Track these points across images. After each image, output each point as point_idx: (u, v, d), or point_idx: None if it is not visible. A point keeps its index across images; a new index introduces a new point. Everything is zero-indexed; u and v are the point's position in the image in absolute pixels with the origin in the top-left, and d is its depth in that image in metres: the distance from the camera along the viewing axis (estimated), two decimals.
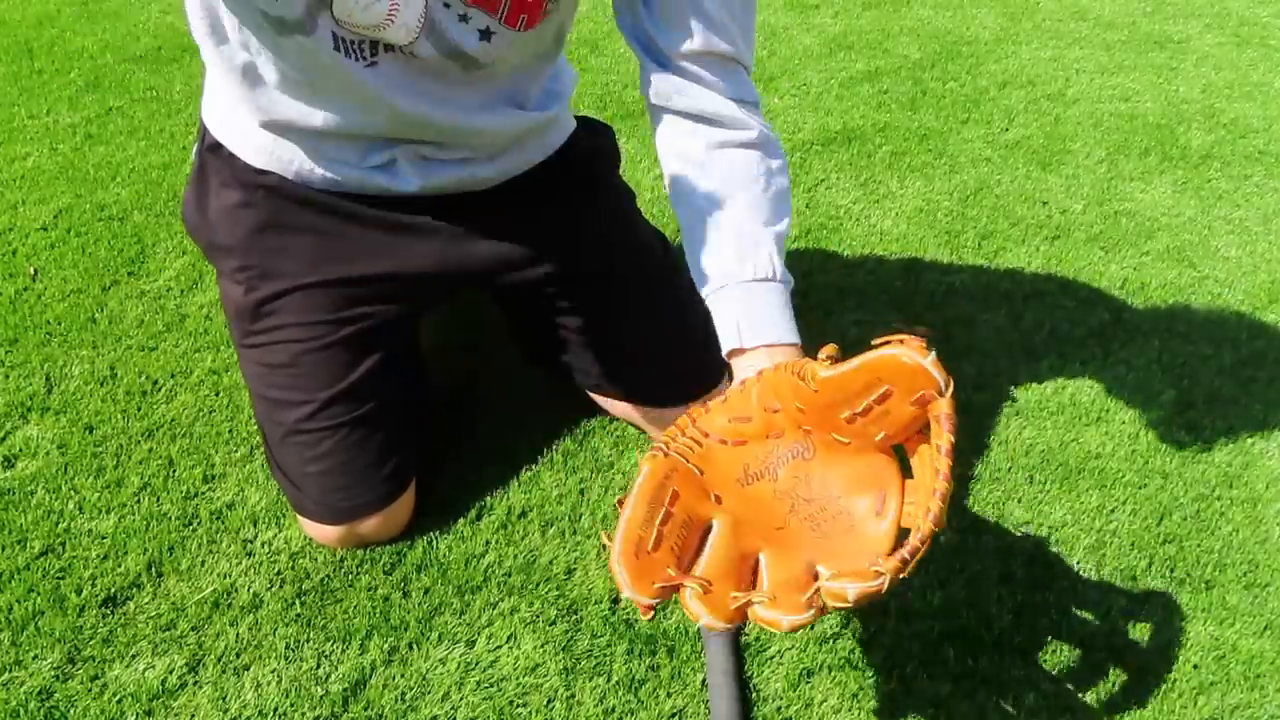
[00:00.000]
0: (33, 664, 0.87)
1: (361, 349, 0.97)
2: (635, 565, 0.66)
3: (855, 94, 1.99)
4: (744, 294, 0.83)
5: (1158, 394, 1.22)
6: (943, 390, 0.68)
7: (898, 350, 0.68)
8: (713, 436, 0.77)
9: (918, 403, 0.70)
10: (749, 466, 0.76)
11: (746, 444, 0.77)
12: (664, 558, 0.68)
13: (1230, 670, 0.90)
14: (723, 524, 0.72)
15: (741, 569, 0.70)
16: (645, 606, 0.65)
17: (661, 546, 0.68)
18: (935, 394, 0.69)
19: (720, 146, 0.87)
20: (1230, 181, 1.70)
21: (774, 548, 0.72)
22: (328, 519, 0.96)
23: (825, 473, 0.75)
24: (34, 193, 1.57)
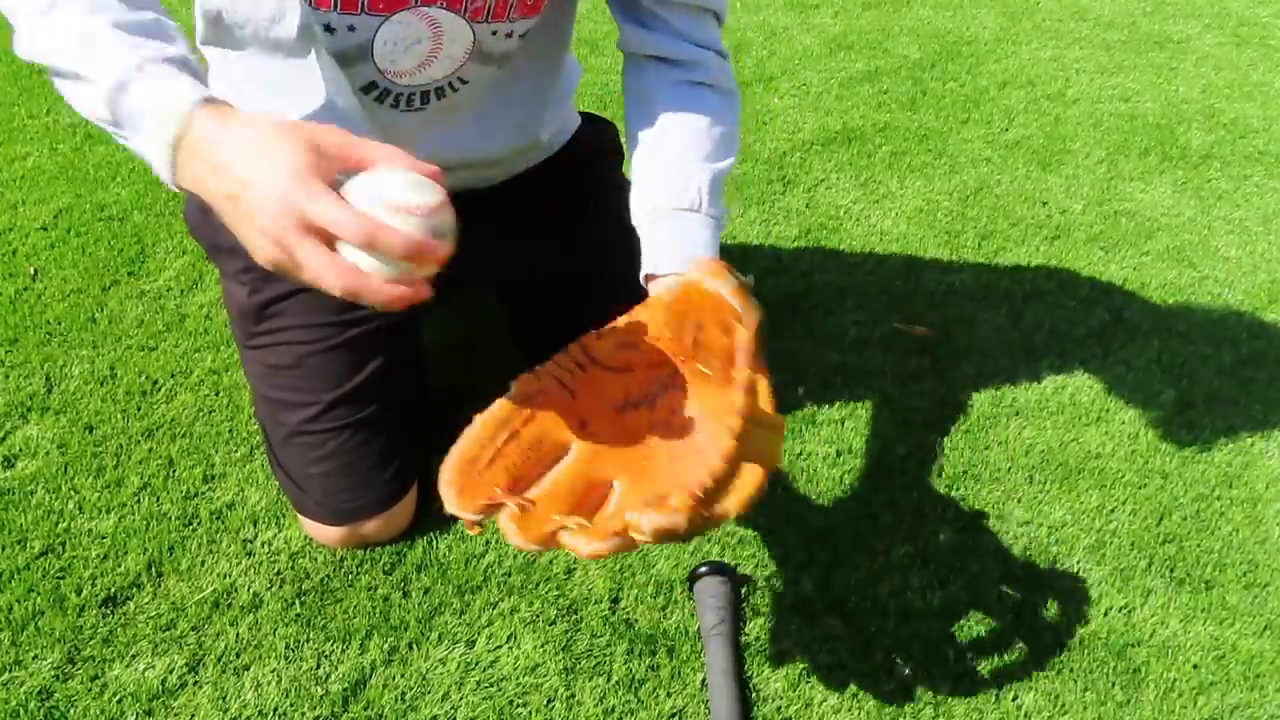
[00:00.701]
0: (33, 664, 0.87)
1: (365, 351, 0.97)
2: (463, 481, 0.66)
3: (855, 94, 1.99)
4: (667, 220, 0.84)
5: (1158, 394, 1.22)
6: (743, 319, 0.68)
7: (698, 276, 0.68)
8: (600, 362, 0.76)
9: (725, 331, 0.69)
10: (630, 394, 0.76)
11: (633, 371, 0.76)
12: (495, 475, 0.67)
13: (1230, 670, 0.90)
14: (579, 450, 0.71)
15: (587, 496, 0.69)
16: (470, 522, 0.64)
17: (495, 464, 0.68)
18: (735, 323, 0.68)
19: (673, 84, 0.88)
20: (1230, 181, 1.70)
21: (631, 477, 0.71)
22: (330, 520, 0.96)
23: (696, 404, 0.75)
24: (34, 193, 1.57)
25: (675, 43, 0.87)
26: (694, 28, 0.88)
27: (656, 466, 0.72)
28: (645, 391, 0.75)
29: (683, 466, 0.70)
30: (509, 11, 0.82)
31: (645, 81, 0.89)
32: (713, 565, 0.93)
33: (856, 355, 1.26)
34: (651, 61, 0.89)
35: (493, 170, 0.98)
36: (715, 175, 0.85)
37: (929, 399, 1.19)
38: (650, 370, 0.76)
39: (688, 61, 0.88)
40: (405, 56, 0.81)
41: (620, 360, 0.76)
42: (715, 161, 0.86)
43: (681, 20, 0.87)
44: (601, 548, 0.62)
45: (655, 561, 0.97)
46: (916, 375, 1.23)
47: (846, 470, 1.09)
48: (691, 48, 0.88)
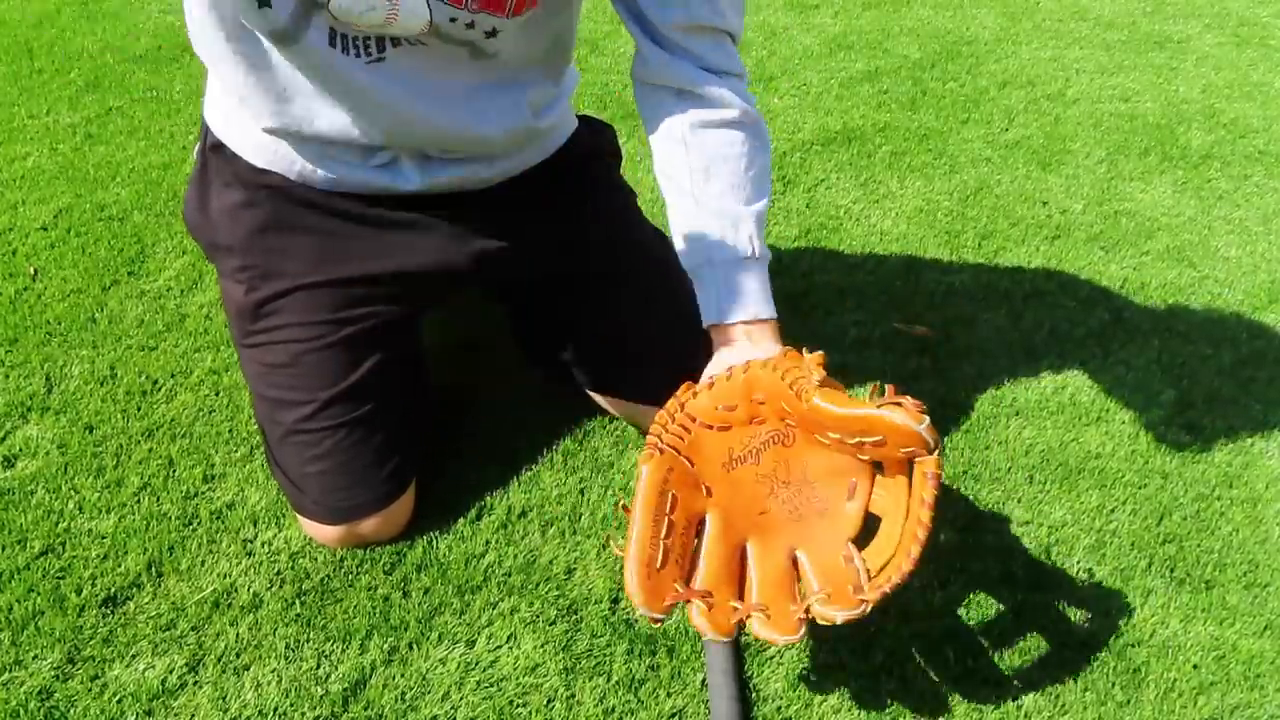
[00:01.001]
0: (33, 664, 0.87)
1: (362, 349, 0.97)
2: (649, 586, 0.71)
3: (855, 94, 1.99)
4: (725, 271, 0.87)
5: (1158, 394, 1.22)
6: (931, 450, 0.73)
7: (894, 414, 0.72)
8: (699, 422, 0.80)
9: (906, 454, 0.75)
10: (733, 450, 0.80)
11: (731, 429, 0.80)
12: (671, 572, 0.73)
13: (1230, 670, 0.90)
14: (714, 518, 0.77)
15: (733, 565, 0.75)
16: (655, 620, 0.71)
17: (669, 561, 0.73)
18: (924, 451, 0.73)
19: (704, 125, 0.89)
20: (1230, 181, 1.70)
21: (758, 535, 0.77)
22: (328, 519, 0.96)
23: (803, 458, 0.80)
24: (34, 193, 1.57)
25: (698, 75, 0.88)
26: (714, 53, 0.88)
27: (774, 521, 0.78)
28: (748, 447, 0.80)
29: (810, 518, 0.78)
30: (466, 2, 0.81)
31: (673, 121, 0.90)
32: None
33: (856, 355, 1.26)
34: (675, 96, 0.89)
35: (489, 168, 0.98)
36: (759, 217, 0.89)
37: (929, 399, 1.19)
38: (751, 427, 0.81)
39: (714, 99, 0.88)
40: (361, 20, 0.80)
41: (719, 420, 0.80)
42: (757, 203, 0.89)
43: (702, 45, 0.87)
44: (795, 639, 0.71)
45: None
46: (916, 375, 1.23)
47: None
48: (712, 78, 0.88)
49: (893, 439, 0.73)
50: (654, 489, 0.75)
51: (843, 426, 0.75)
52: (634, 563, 0.72)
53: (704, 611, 0.71)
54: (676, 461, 0.77)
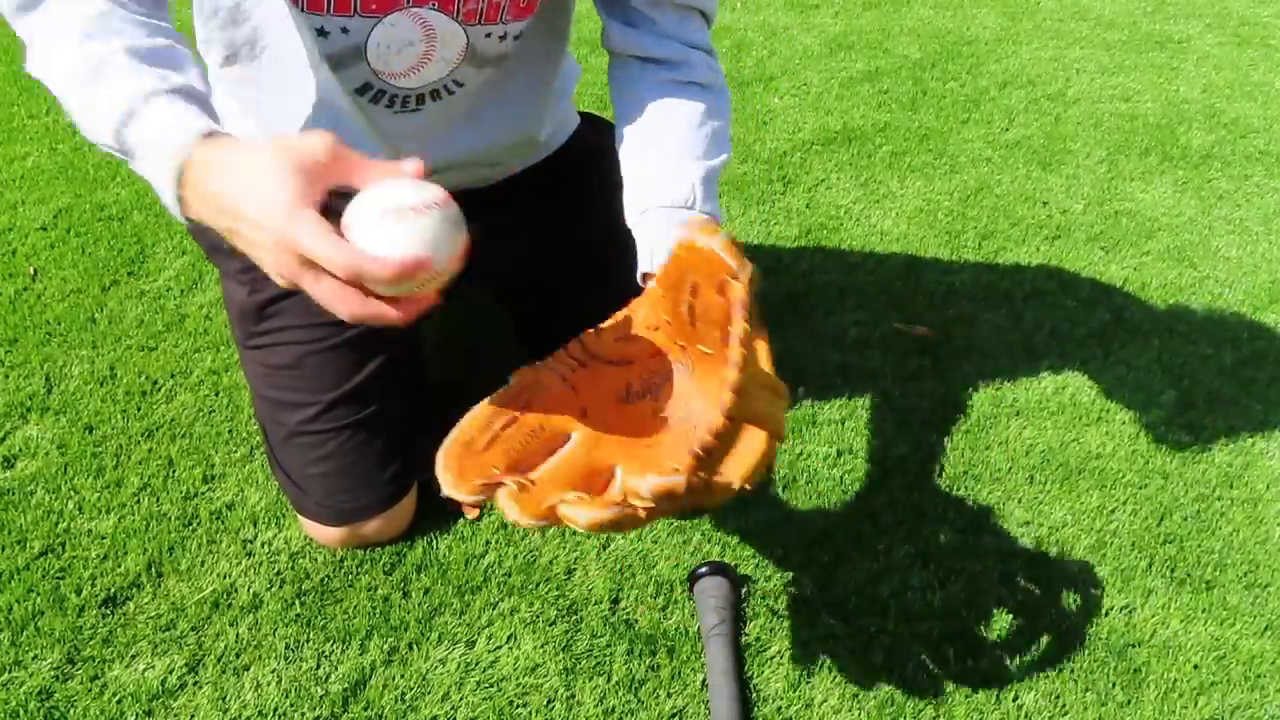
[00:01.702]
0: (33, 664, 0.87)
1: (365, 351, 0.96)
2: (460, 463, 0.65)
3: (855, 94, 1.99)
4: (662, 220, 0.84)
5: (1158, 394, 1.22)
6: (736, 274, 0.66)
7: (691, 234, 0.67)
8: (599, 356, 0.76)
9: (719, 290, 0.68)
10: (632, 385, 0.75)
11: (632, 364, 0.76)
12: (494, 456, 0.67)
13: (1230, 670, 0.90)
14: (580, 437, 0.71)
15: (589, 480, 0.68)
16: (467, 505, 0.65)
17: (493, 447, 0.67)
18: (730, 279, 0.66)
19: (658, 83, 0.88)
20: (1230, 181, 1.70)
21: (635, 463, 0.69)
22: (330, 520, 0.96)
23: (699, 388, 0.74)
24: (34, 193, 1.57)
25: (661, 42, 0.87)
26: (681, 27, 0.88)
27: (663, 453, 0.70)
28: (647, 382, 0.75)
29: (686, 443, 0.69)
30: (501, 14, 0.82)
31: (633, 81, 0.89)
32: (713, 565, 0.93)
33: (856, 355, 1.26)
34: (638, 61, 0.89)
35: (491, 170, 0.98)
36: (708, 172, 0.85)
37: (929, 399, 1.19)
38: (651, 361, 0.76)
39: (675, 61, 0.88)
40: (399, 58, 0.82)
41: (620, 353, 0.76)
42: (708, 159, 0.86)
43: (668, 20, 0.87)
44: (601, 516, 0.61)
45: (655, 561, 0.97)
46: (916, 375, 1.23)
47: (846, 470, 1.09)
48: (678, 47, 0.87)
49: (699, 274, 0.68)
50: (506, 389, 0.71)
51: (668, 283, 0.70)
52: (451, 438, 0.67)
53: (513, 493, 0.63)
54: (552, 380, 0.73)
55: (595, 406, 0.73)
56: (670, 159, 0.85)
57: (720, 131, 0.88)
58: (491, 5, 0.81)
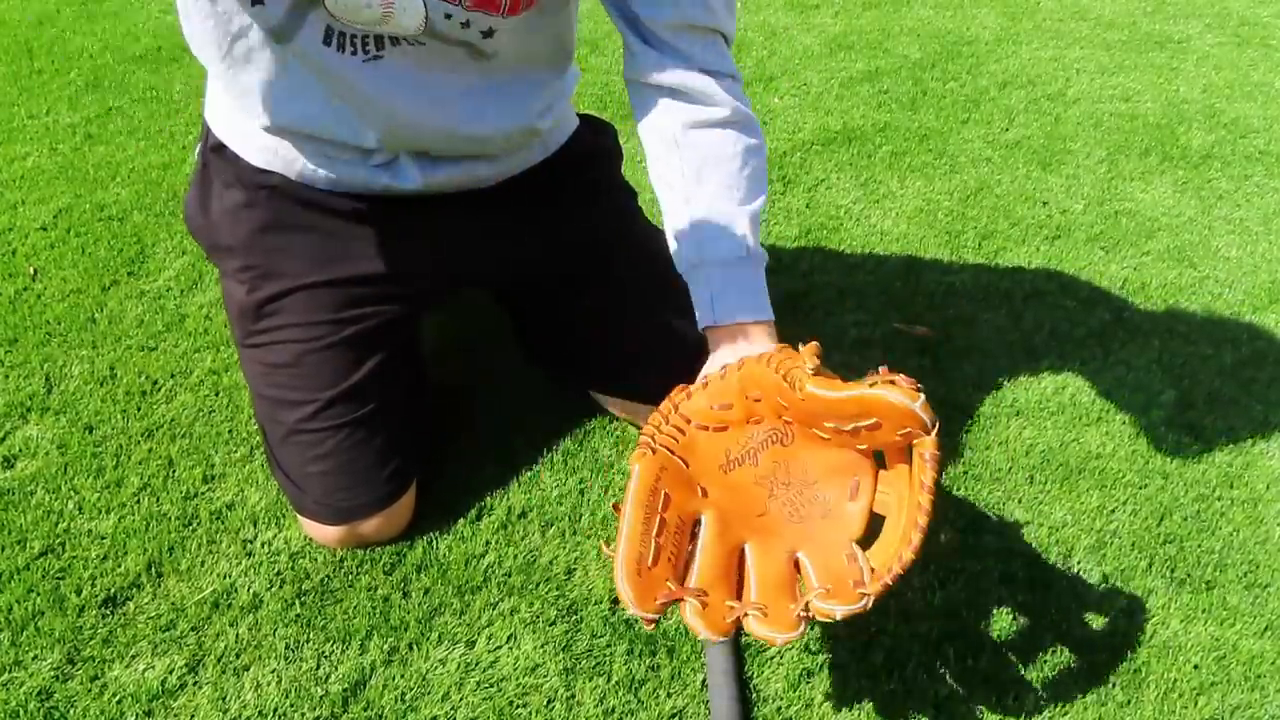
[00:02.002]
0: (33, 664, 0.87)
1: (363, 349, 0.97)
2: (639, 584, 0.69)
3: (855, 94, 1.99)
4: (719, 271, 0.85)
5: (1158, 394, 1.22)
6: (929, 430, 0.70)
7: (889, 393, 0.70)
8: (694, 423, 0.78)
9: (903, 436, 0.72)
10: (730, 451, 0.78)
11: (727, 429, 0.78)
12: (663, 570, 0.70)
13: (1230, 670, 0.90)
14: (710, 519, 0.74)
15: (730, 567, 0.73)
16: (649, 621, 0.68)
17: (660, 559, 0.71)
18: (921, 432, 0.71)
19: (695, 125, 0.88)
20: (1230, 181, 1.70)
21: (757, 537, 0.74)
22: (329, 519, 0.96)
23: (802, 458, 0.78)
24: (34, 193, 1.57)
25: (690, 73, 0.86)
26: (704, 52, 0.87)
27: (774, 523, 0.76)
28: (745, 448, 0.78)
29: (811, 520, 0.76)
30: None
31: (665, 121, 0.88)
32: None
33: (856, 355, 1.26)
34: (665, 97, 0.88)
35: (490, 167, 0.98)
36: (753, 216, 0.87)
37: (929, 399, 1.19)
38: (747, 426, 0.79)
39: (705, 98, 0.87)
40: (358, 15, 0.80)
41: (715, 420, 0.79)
42: (751, 203, 0.88)
43: (692, 45, 0.86)
44: (795, 636, 0.67)
45: None
46: (916, 375, 1.22)
47: None
48: (702, 77, 0.87)
49: (888, 420, 0.71)
50: (645, 487, 0.73)
51: (836, 410, 0.73)
52: (624, 560, 0.70)
53: (698, 610, 0.68)
54: (670, 461, 0.76)
55: (703, 476, 0.77)
56: (718, 208, 0.86)
57: (759, 171, 0.89)
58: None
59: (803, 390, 0.73)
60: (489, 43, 0.86)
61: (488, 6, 0.82)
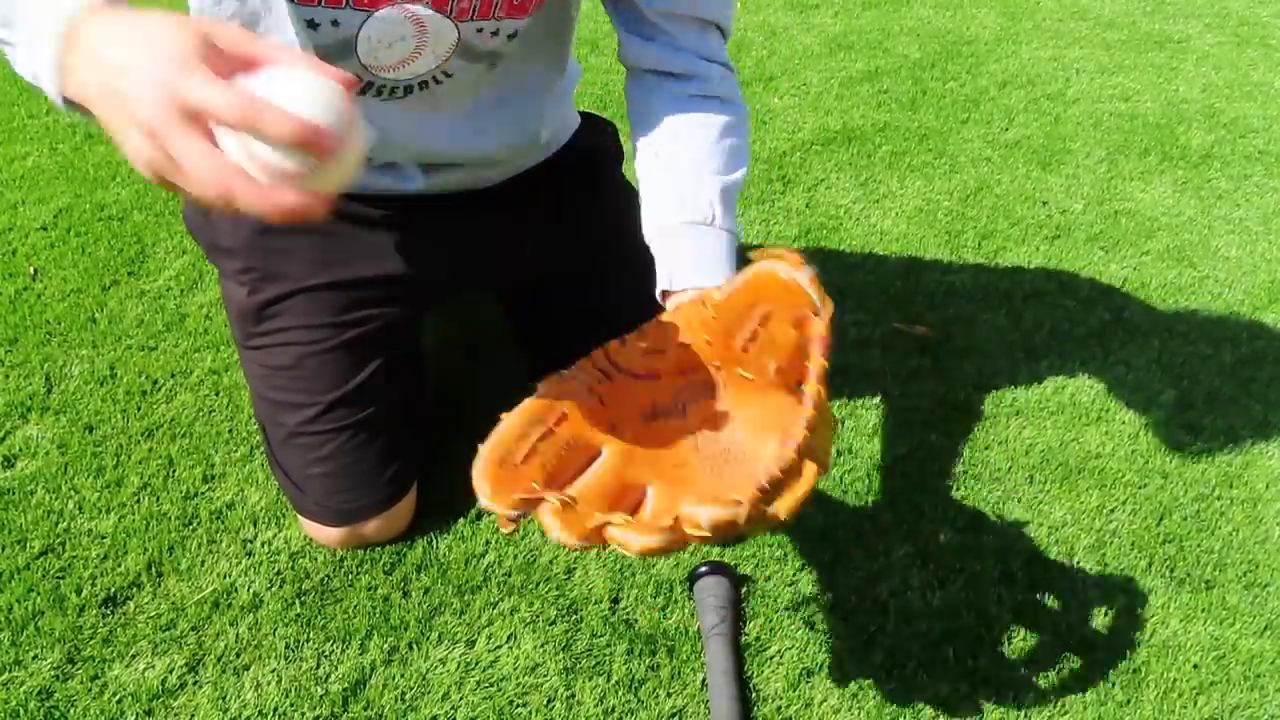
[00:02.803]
0: (33, 664, 0.87)
1: (365, 352, 0.97)
2: (499, 475, 0.64)
3: (855, 94, 1.99)
4: (680, 236, 0.83)
5: (1158, 394, 1.22)
6: (818, 309, 0.65)
7: (774, 264, 0.66)
8: (625, 370, 0.75)
9: (796, 325, 0.67)
10: (657, 402, 0.74)
11: (659, 379, 0.75)
12: (531, 471, 0.66)
13: (1230, 670, 0.90)
14: (612, 452, 0.70)
15: (622, 497, 0.67)
16: (504, 519, 0.63)
17: (532, 461, 0.66)
18: (811, 314, 0.65)
19: (675, 97, 0.87)
20: (1230, 181, 1.70)
21: (665, 482, 0.69)
22: (329, 521, 0.96)
23: (733, 413, 0.73)
24: (34, 193, 1.57)
25: (678, 56, 0.86)
26: (697, 41, 0.87)
27: (692, 475, 0.71)
28: (674, 399, 0.74)
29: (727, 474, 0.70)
30: (494, 10, 0.82)
31: (649, 96, 0.88)
32: (713, 565, 0.93)
33: (856, 355, 1.26)
34: (654, 76, 0.88)
35: (492, 170, 0.98)
36: (726, 187, 0.84)
37: (929, 399, 1.19)
38: (678, 377, 0.75)
39: (691, 75, 0.87)
40: (389, 53, 0.81)
41: (645, 367, 0.75)
42: (726, 174, 0.85)
43: (684, 33, 0.86)
44: (653, 542, 0.60)
45: (655, 561, 0.97)
46: (916, 375, 1.23)
47: (846, 470, 1.09)
48: (695, 61, 0.86)
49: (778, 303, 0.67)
50: (540, 401, 0.69)
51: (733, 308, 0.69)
52: (487, 449, 0.65)
53: (556, 509, 0.62)
54: (580, 391, 0.72)
55: (623, 421, 0.72)
56: (688, 174, 0.84)
57: (739, 147, 0.87)
58: (485, 1, 0.81)
59: (710, 303, 0.70)
60: (510, 44, 0.87)
61: (516, 12, 0.83)
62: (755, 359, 0.71)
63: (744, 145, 0.88)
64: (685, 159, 0.85)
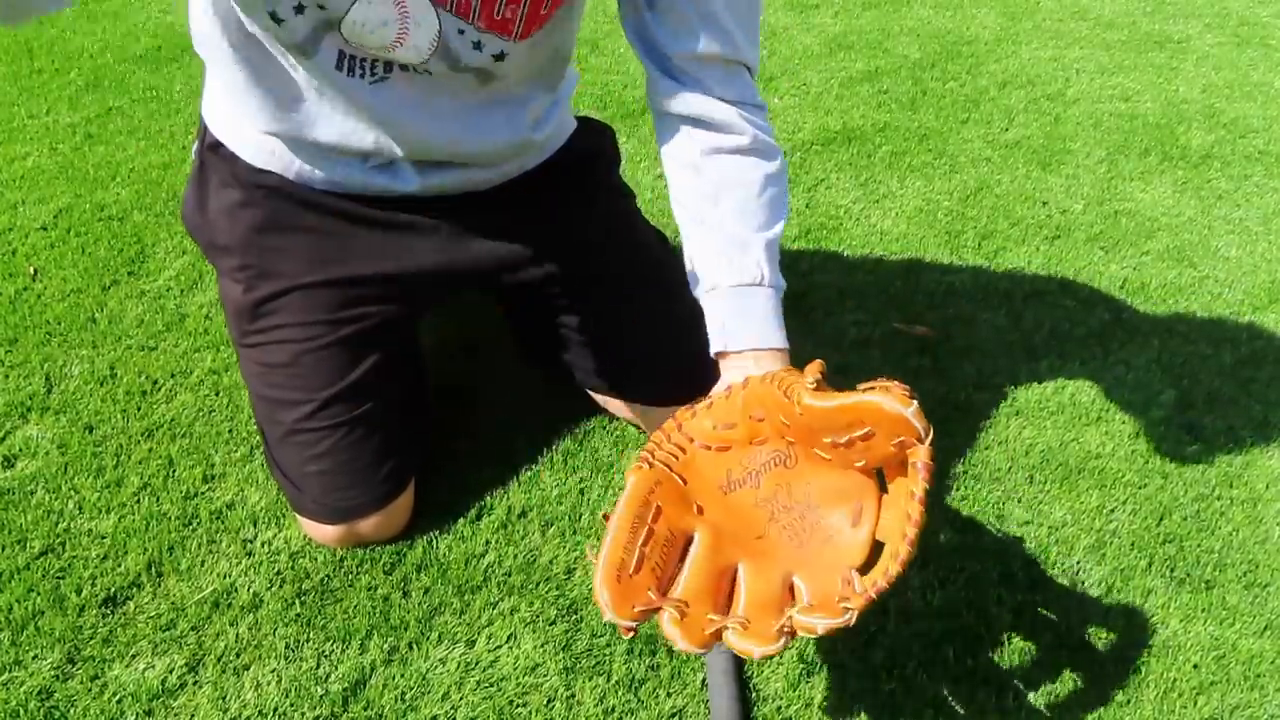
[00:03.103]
0: (33, 664, 0.87)
1: (361, 349, 0.97)
2: (617, 589, 0.67)
3: (855, 94, 1.99)
4: (732, 297, 0.84)
5: (1158, 394, 1.22)
6: (922, 438, 0.69)
7: (882, 399, 0.69)
8: (697, 442, 0.77)
9: (898, 445, 0.71)
10: (732, 473, 0.77)
11: (730, 450, 0.77)
12: (645, 579, 0.69)
13: (1230, 670, 0.90)
14: (703, 537, 0.73)
15: (720, 585, 0.71)
16: (625, 629, 0.67)
17: (643, 568, 0.69)
18: (915, 440, 0.69)
19: (714, 152, 0.87)
20: (1230, 181, 1.70)
21: (752, 559, 0.73)
22: (327, 519, 0.96)
23: (805, 482, 0.76)
24: (34, 193, 1.57)
25: (710, 103, 0.86)
26: (726, 83, 0.86)
27: (772, 545, 0.74)
28: (747, 470, 0.77)
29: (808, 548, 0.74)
30: (473, 15, 0.81)
31: (686, 148, 0.88)
32: None
33: (856, 355, 1.26)
34: (687, 125, 0.87)
35: (488, 171, 0.98)
36: (770, 242, 0.85)
37: (929, 399, 1.19)
38: (750, 448, 0.77)
39: (726, 126, 0.86)
40: (372, 37, 0.81)
41: (717, 440, 0.77)
42: (768, 230, 0.86)
43: (714, 75, 0.85)
44: (774, 649, 0.65)
45: None
46: (916, 375, 1.23)
47: None
48: (725, 109, 0.86)
49: (881, 428, 0.70)
50: (637, 497, 0.72)
51: (832, 421, 0.72)
52: (605, 563, 0.68)
53: (675, 619, 0.66)
54: (666, 477, 0.75)
55: (703, 497, 0.75)
56: (732, 236, 0.85)
57: (778, 196, 0.88)
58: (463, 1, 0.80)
59: (800, 403, 0.73)
60: (500, 66, 0.86)
61: (501, 30, 0.82)
62: (842, 454, 0.74)
63: (783, 192, 0.89)
64: (728, 218, 0.85)
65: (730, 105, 0.86)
